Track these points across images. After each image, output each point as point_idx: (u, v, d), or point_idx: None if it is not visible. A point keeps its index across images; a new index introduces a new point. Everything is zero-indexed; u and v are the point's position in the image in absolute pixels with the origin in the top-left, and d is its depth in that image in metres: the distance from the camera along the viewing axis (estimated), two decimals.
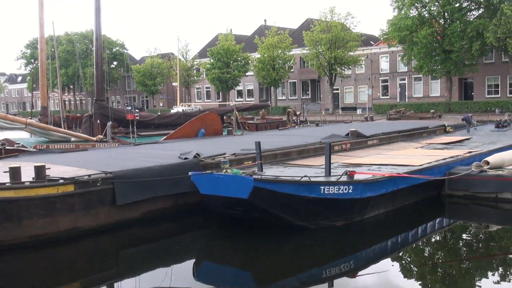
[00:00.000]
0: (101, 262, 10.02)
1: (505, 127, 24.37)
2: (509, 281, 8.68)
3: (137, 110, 36.58)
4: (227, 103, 59.53)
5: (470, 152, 16.28)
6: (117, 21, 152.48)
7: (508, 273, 9.17)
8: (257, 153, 12.17)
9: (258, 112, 40.30)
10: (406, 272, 9.43)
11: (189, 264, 10.01)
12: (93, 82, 25.91)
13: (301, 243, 10.73)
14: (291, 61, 63.01)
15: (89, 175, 10.80)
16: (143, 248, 10.88)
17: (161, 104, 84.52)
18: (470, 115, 27.51)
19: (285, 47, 60.67)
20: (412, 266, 9.91)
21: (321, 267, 9.58)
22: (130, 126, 20.47)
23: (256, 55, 63.19)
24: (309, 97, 69.48)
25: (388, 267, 9.48)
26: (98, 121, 22.12)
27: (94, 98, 23.20)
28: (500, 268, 9.49)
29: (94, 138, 20.51)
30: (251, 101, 69.35)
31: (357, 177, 11.15)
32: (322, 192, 10.44)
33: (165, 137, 20.30)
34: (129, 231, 11.38)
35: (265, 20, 79.93)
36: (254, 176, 10.18)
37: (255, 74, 63.36)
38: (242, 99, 72.87)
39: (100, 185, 10.71)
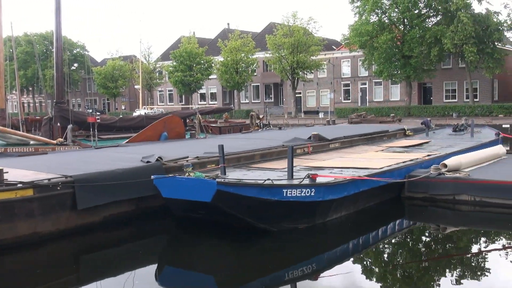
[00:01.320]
0: (61, 268, 9.83)
1: (462, 130, 24.96)
2: (467, 281, 8.91)
3: (98, 113, 36.06)
4: (190, 106, 59.27)
5: (429, 155, 16.66)
6: (78, 22, 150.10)
7: (465, 273, 9.41)
8: (220, 156, 12.17)
9: (221, 115, 40.26)
10: (368, 273, 9.57)
11: (152, 268, 9.92)
12: (53, 84, 25.43)
13: (264, 246, 10.77)
14: (254, 65, 63.23)
15: (49, 179, 10.58)
16: (105, 253, 10.73)
17: (123, 107, 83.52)
18: (429, 119, 28.07)
19: (248, 51, 60.85)
20: (373, 267, 10.07)
21: (284, 270, 9.63)
22: (91, 129, 20.15)
23: (219, 58, 63.17)
24: (272, 100, 69.82)
25: (350, 269, 9.62)
26: (58, 124, 21.68)
27: (54, 101, 22.73)
28: (457, 268, 9.73)
29: (54, 141, 20.10)
30: (214, 104, 69.25)
31: (319, 180, 11.25)
32: (284, 195, 10.51)
33: (127, 140, 20.06)
34: (90, 236, 11.19)
35: (228, 24, 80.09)
36: (217, 180, 10.17)
37: (218, 77, 63.33)
38: (205, 102, 72.70)
39: (60, 189, 10.50)
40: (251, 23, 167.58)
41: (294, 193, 10.61)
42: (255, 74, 66.27)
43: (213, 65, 64.76)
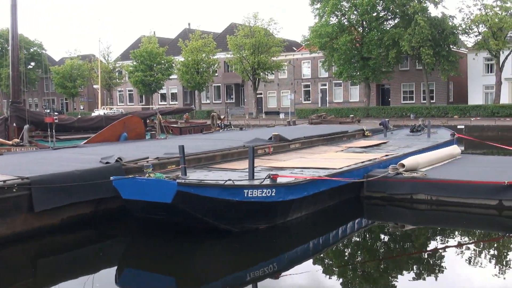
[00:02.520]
0: (18, 272, 9.60)
1: (419, 131, 25.51)
2: (424, 278, 9.14)
3: (56, 113, 35.31)
4: (150, 106, 58.62)
5: (387, 155, 16.98)
6: (35, 20, 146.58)
7: (422, 270, 9.64)
8: (180, 157, 12.10)
9: (182, 115, 40.01)
10: (328, 272, 9.70)
11: (112, 271, 9.79)
12: (8, 83, 24.81)
13: (225, 246, 10.78)
14: (215, 65, 63.06)
15: (4, 181, 10.30)
16: (64, 256, 10.54)
17: (81, 107, 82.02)
18: (387, 120, 28.56)
19: (209, 51, 60.66)
20: (333, 266, 10.20)
21: (245, 270, 9.67)
22: (49, 130, 19.73)
23: (180, 58, 62.75)
24: (233, 101, 69.81)
25: (311, 268, 9.73)
26: (14, 124, 21.15)
27: (10, 100, 22.17)
28: (415, 265, 9.97)
29: (10, 142, 19.59)
30: (175, 104, 68.71)
31: (280, 180, 11.33)
32: (245, 195, 10.54)
33: (86, 141, 19.72)
34: (48, 239, 10.97)
35: (189, 24, 79.55)
36: (177, 180, 10.12)
37: (179, 77, 62.89)
38: (166, 103, 72.10)
39: (16, 191, 10.25)
40: (212, 23, 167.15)
41: (255, 194, 10.65)
42: (216, 74, 66.09)
43: (173, 65, 64.28)
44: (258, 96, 61.51)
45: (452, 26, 47.31)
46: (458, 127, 36.66)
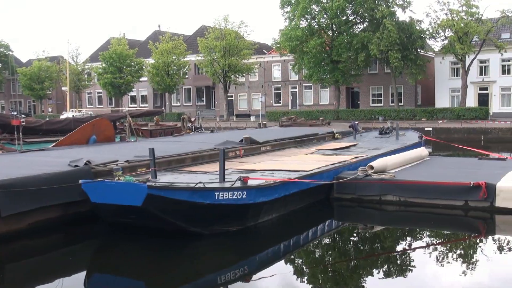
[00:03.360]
0: None
1: (387, 133, 25.86)
2: (393, 278, 9.29)
3: (23, 115, 34.69)
4: (120, 109, 58.06)
5: (356, 157, 17.18)
6: (1, 21, 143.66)
7: (391, 270, 9.79)
8: (151, 159, 12.04)
9: (152, 118, 39.73)
10: (299, 274, 9.76)
11: (81, 276, 9.66)
12: None
13: (196, 249, 10.75)
14: (186, 68, 62.79)
15: None
16: (32, 261, 10.36)
17: (49, 110, 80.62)
18: (356, 122, 28.86)
19: (180, 53, 60.36)
20: (304, 267, 10.27)
21: (216, 273, 9.66)
22: (16, 132, 19.36)
23: (150, 60, 62.29)
24: (204, 103, 69.61)
25: (282, 270, 9.77)
26: None
27: None
28: (384, 266, 10.11)
29: None
30: (145, 107, 68.20)
31: (250, 182, 11.37)
32: (216, 198, 10.55)
33: (54, 144, 19.41)
34: (15, 244, 10.78)
35: (159, 26, 79.23)
36: (147, 183, 10.07)
37: (149, 79, 62.40)
38: (135, 105, 71.47)
39: None
40: (183, 25, 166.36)
41: (226, 196, 10.67)
42: (186, 77, 65.80)
43: (143, 67, 63.76)
44: (229, 98, 61.46)
45: (420, 31, 48.12)
46: (426, 129, 37.28)
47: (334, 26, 50.55)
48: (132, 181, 10.29)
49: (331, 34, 51.18)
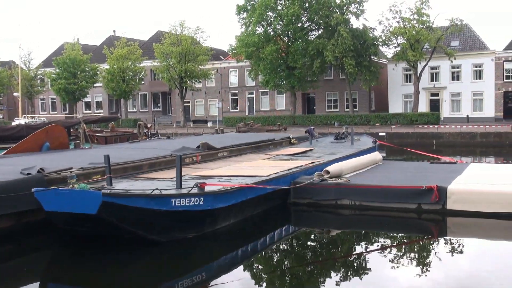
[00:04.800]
0: None
1: (343, 138, 26.22)
2: (350, 281, 9.42)
3: None
4: (74, 115, 56.93)
5: (312, 162, 17.37)
6: None
7: (348, 273, 9.93)
8: (106, 166, 11.86)
9: (107, 124, 39.14)
10: (257, 279, 9.78)
11: (34, 286, 9.43)
12: None
13: (153, 257, 10.64)
14: (142, 73, 62.14)
15: None
16: None
17: (0, 116, 78.28)
18: (312, 127, 29.16)
19: (135, 59, 59.71)
20: (262, 273, 10.30)
21: (174, 281, 9.59)
22: None
23: (105, 66, 61.38)
24: (160, 109, 69.01)
25: (239, 276, 9.78)
26: None
27: None
28: (341, 269, 10.25)
29: None
30: (100, 113, 67.07)
31: (207, 188, 11.34)
32: (173, 204, 10.47)
33: (6, 151, 18.85)
34: None
35: (114, 31, 78.02)
36: (102, 191, 9.91)
37: (104, 85, 61.44)
38: (90, 111, 70.21)
39: None
40: (138, 31, 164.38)
41: (182, 203, 10.61)
42: (142, 82, 65.10)
43: (98, 72, 62.75)
44: (185, 104, 61.14)
45: (373, 38, 49.13)
46: (380, 134, 38.00)
47: (289, 32, 51.05)
48: (87, 188, 10.11)
49: (287, 40, 51.66)
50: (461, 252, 11.29)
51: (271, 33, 51.34)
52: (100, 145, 24.98)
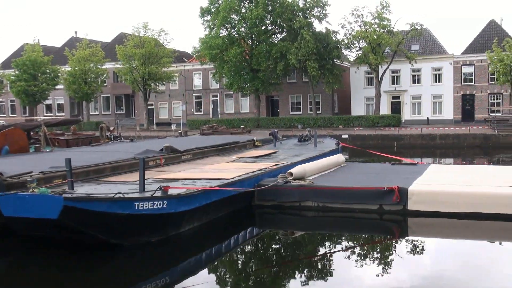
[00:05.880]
0: None
1: (306, 141, 26.45)
2: (314, 282, 9.51)
3: None
4: (35, 118, 55.67)
5: (276, 164, 17.46)
6: None
7: (313, 274, 10.02)
8: (67, 170, 11.66)
9: (69, 127, 38.47)
10: (222, 282, 9.78)
11: None
12: None
13: (116, 262, 10.53)
14: (104, 75, 61.27)
15: None
16: None
17: None
18: (276, 130, 29.32)
19: (98, 61, 58.85)
20: (227, 275, 10.31)
21: (137, 285, 9.51)
22: None
23: (67, 68, 60.31)
24: (123, 112, 68.18)
25: (204, 279, 9.76)
26: None
27: None
28: (306, 270, 10.35)
29: None
30: (61, 116, 65.80)
31: (171, 191, 11.29)
32: (136, 208, 10.38)
33: None
34: None
35: (76, 32, 76.92)
36: (64, 195, 9.75)
37: (65, 87, 60.33)
38: (51, 114, 68.81)
39: None
40: (101, 32, 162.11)
41: (146, 206, 10.53)
42: (105, 85, 64.16)
43: (60, 74, 61.55)
44: (149, 107, 60.58)
45: (336, 41, 49.67)
46: (343, 136, 38.45)
47: (253, 35, 51.19)
48: (47, 193, 9.93)
49: (250, 43, 51.78)
50: (422, 251, 11.54)
51: (235, 35, 51.38)
52: (61, 149, 24.53)
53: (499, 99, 50.17)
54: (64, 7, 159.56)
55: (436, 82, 52.25)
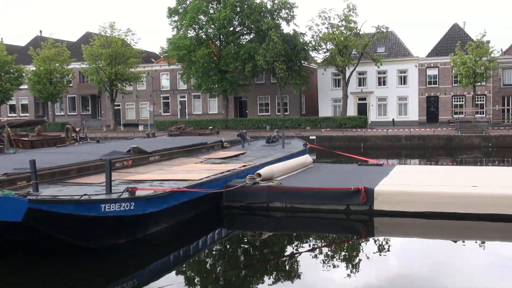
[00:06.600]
0: None
1: (274, 142, 26.56)
2: (283, 282, 9.56)
3: None
4: None
5: (244, 165, 17.49)
6: None
7: (281, 275, 10.08)
8: (32, 172, 11.45)
9: (33, 128, 37.71)
10: (190, 284, 9.75)
11: None
12: None
13: (83, 265, 10.37)
14: (70, 75, 60.30)
15: None
16: None
17: None
18: (244, 131, 29.33)
19: (63, 61, 57.88)
20: (195, 277, 10.28)
21: None
22: None
23: (31, 67, 59.14)
24: (90, 113, 67.25)
25: (172, 281, 9.70)
26: None
27: None
28: (274, 271, 10.39)
29: None
30: (25, 116, 64.48)
31: (138, 193, 11.20)
32: (103, 210, 10.26)
33: None
34: None
35: (40, 31, 75.28)
36: (28, 197, 9.58)
37: (30, 87, 59.16)
38: (15, 114, 67.32)
39: None
40: (67, 31, 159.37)
41: (112, 208, 10.42)
42: (71, 85, 63.15)
43: (24, 74, 60.32)
44: (116, 107, 59.87)
45: (303, 43, 50.01)
46: (310, 137, 38.72)
47: (221, 36, 51.13)
48: (11, 195, 9.73)
49: (218, 44, 51.71)
50: (388, 250, 11.72)
51: (203, 36, 51.24)
52: (26, 150, 24.04)
53: (462, 101, 51.31)
54: (29, 5, 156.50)
55: (401, 84, 53.12)
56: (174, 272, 10.39)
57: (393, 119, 52.02)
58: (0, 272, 10.12)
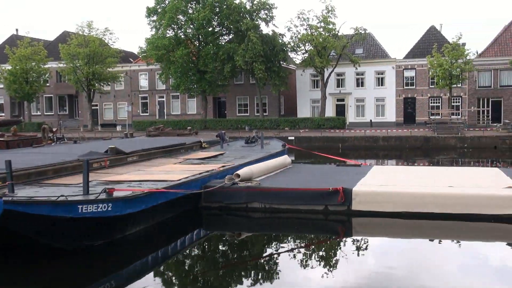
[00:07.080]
0: None
1: (253, 142, 26.59)
2: (262, 283, 9.57)
3: None
4: None
5: (223, 166, 17.48)
6: None
7: (260, 276, 10.09)
8: (7, 172, 11.28)
9: (9, 128, 37.18)
10: (168, 285, 9.71)
11: None
12: None
13: (59, 267, 10.25)
14: (47, 75, 59.57)
15: None
16: None
17: None
18: (223, 131, 29.32)
19: (40, 60, 57.13)
20: (173, 279, 10.24)
21: None
22: None
23: (7, 66, 58.26)
24: (67, 113, 66.50)
25: (150, 283, 9.65)
26: None
27: None
28: (253, 272, 10.39)
29: None
30: (1, 116, 63.51)
31: (116, 194, 11.11)
32: (80, 211, 10.16)
33: None
34: None
35: (17, 30, 74.38)
36: (3, 198, 9.44)
37: (5, 87, 58.28)
38: None
39: None
40: (43, 30, 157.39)
41: (90, 209, 10.32)
42: (47, 84, 62.37)
43: None
44: (93, 107, 59.32)
45: (282, 44, 50.16)
46: (289, 138, 38.87)
47: (200, 36, 51.01)
48: None
49: (197, 44, 51.58)
50: (366, 250, 11.81)
51: (182, 36, 51.07)
52: (1, 150, 23.70)
53: (439, 102, 51.98)
54: (4, 3, 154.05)
55: (379, 85, 53.60)
56: (152, 273, 10.33)
57: (370, 120, 52.46)
58: None
